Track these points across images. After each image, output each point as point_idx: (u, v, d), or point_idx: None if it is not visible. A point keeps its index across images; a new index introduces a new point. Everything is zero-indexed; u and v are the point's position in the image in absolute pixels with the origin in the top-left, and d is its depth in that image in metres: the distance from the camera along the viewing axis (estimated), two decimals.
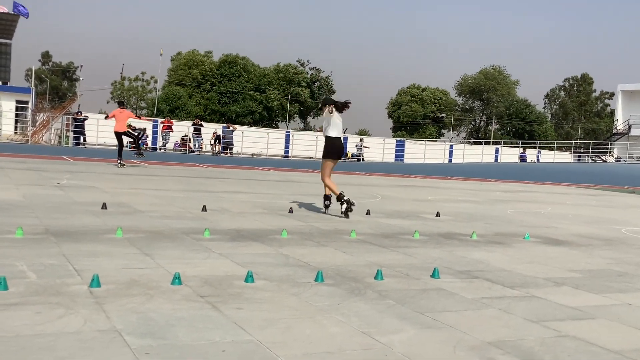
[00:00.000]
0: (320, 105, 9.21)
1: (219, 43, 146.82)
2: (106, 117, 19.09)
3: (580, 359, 3.10)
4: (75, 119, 31.81)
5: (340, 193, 8.75)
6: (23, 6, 34.13)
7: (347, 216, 8.64)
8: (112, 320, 3.18)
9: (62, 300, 3.48)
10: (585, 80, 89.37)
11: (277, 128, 67.41)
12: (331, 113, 8.98)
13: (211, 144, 34.34)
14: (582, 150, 54.82)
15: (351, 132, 69.30)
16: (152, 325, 3.14)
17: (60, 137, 35.46)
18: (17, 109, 43.83)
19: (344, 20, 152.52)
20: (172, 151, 34.99)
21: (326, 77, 79.01)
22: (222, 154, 33.09)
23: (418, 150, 44.44)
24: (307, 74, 77.49)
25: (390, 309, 3.82)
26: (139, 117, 22.18)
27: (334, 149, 9.06)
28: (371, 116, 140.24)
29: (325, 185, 9.04)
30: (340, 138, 9.17)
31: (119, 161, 17.46)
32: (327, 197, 9.15)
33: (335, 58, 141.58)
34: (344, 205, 8.66)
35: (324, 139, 9.19)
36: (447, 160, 44.57)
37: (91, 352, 2.70)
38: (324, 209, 9.22)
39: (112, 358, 2.65)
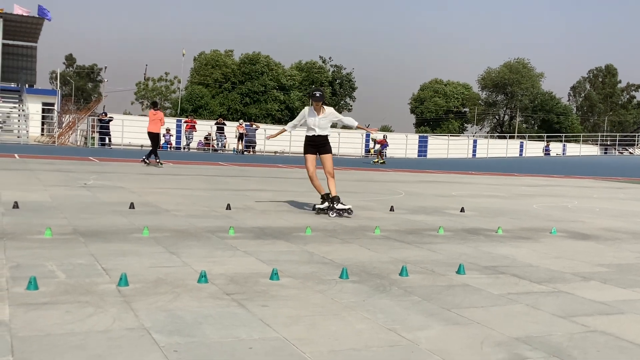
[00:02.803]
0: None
1: (240, 42, 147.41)
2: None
3: (609, 354, 3.06)
4: (100, 120, 32.22)
5: (328, 194, 8.56)
6: (47, 10, 34.69)
7: (318, 212, 8.41)
8: (141, 318, 3.23)
9: (91, 299, 3.54)
10: (609, 72, 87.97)
11: None
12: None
13: (236, 140, 34.27)
14: (608, 142, 53.99)
15: (374, 128, 69.01)
16: (179, 323, 3.18)
17: (86, 138, 35.95)
18: (43, 111, 44.56)
19: (364, 16, 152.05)
20: (195, 150, 35.26)
21: (347, 74, 78.93)
22: (245, 152, 33.24)
23: (441, 146, 44.18)
24: (329, 71, 77.48)
25: (415, 305, 3.81)
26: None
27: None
28: (394, 112, 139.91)
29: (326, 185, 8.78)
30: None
31: (157, 161, 17.68)
32: (332, 198, 8.52)
33: (356, 55, 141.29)
34: (320, 205, 8.48)
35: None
36: (470, 155, 44.25)
37: (121, 350, 2.74)
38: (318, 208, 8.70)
39: (142, 356, 2.69)
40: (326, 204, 8.49)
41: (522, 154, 47.17)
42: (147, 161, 17.86)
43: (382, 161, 30.41)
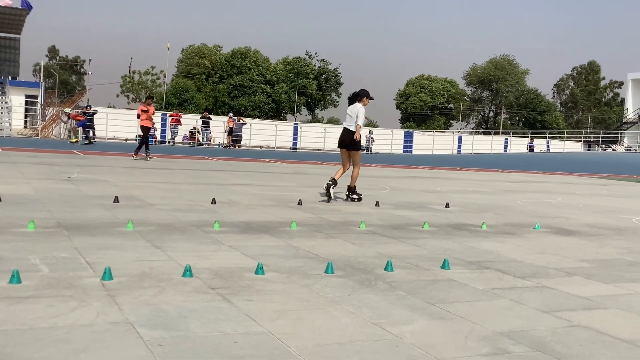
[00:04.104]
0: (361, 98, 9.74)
1: (226, 37, 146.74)
2: (139, 115, 18.49)
3: (592, 348, 3.09)
4: (84, 113, 31.92)
5: (333, 180, 9.35)
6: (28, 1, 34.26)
7: (326, 194, 9.32)
8: (125, 312, 3.21)
9: (74, 293, 3.51)
10: (593, 69, 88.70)
11: (285, 120, 67.42)
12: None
13: (224, 134, 33.98)
14: (592, 139, 54.49)
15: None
16: (164, 317, 3.16)
17: (69, 131, 35.63)
18: (26, 103, 44.06)
19: (351, 11, 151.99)
20: (180, 144, 35.09)
21: (334, 69, 78.90)
22: (231, 147, 33.13)
23: (427, 141, 44.33)
24: (315, 66, 77.40)
25: (400, 300, 3.82)
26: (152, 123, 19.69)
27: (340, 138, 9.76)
28: (379, 107, 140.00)
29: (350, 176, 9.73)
30: (347, 127, 9.65)
31: (136, 154, 17.65)
32: (349, 189, 9.70)
33: (342, 50, 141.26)
34: (325, 189, 9.36)
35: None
36: (456, 151, 44.44)
37: (105, 344, 2.72)
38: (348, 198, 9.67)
39: (126, 350, 2.68)
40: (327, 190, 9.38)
41: (507, 150, 47.47)
42: (146, 154, 17.86)
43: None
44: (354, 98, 9.71)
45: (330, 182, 9.34)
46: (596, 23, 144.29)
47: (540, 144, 50.59)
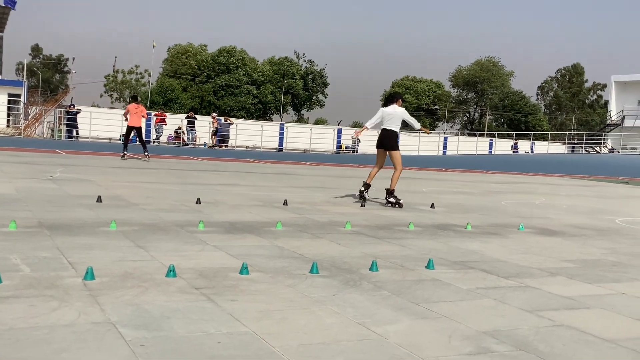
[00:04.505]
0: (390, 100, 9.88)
1: (212, 37, 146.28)
2: (125, 115, 18.39)
3: (574, 348, 3.11)
4: (67, 112, 31.66)
5: (367, 183, 9.57)
6: None
7: (360, 198, 9.52)
8: (107, 312, 3.17)
9: (56, 293, 3.47)
10: (577, 71, 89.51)
11: (271, 121, 67.33)
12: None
13: (211, 136, 33.74)
14: (575, 141, 54.94)
15: (345, 125, 69.29)
16: (146, 318, 3.13)
17: (52, 130, 35.32)
18: (9, 102, 43.55)
19: (338, 12, 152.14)
20: (165, 144, 34.90)
21: (320, 69, 78.95)
22: (217, 147, 33.00)
23: (412, 142, 44.42)
24: (302, 66, 77.41)
25: (385, 299, 3.82)
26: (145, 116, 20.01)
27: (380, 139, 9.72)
28: (365, 108, 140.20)
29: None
30: (386, 128, 9.65)
31: (124, 153, 17.52)
32: (388, 192, 9.59)
33: (328, 50, 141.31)
34: (361, 191, 9.55)
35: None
36: (441, 152, 44.62)
37: (86, 344, 2.69)
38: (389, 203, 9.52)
39: (108, 350, 2.64)
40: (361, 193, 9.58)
41: (492, 151, 47.72)
42: (126, 155, 17.74)
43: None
44: (391, 100, 9.74)
45: (363, 188, 9.50)
46: (580, 26, 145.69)
47: (524, 146, 50.93)
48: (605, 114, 62.66)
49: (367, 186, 9.56)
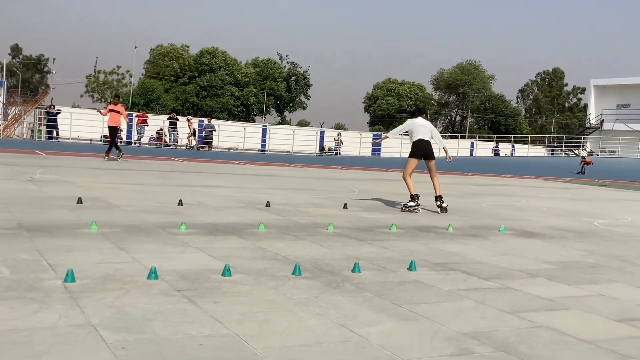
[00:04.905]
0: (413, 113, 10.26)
1: (194, 37, 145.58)
2: (102, 112, 18.28)
3: (554, 348, 3.15)
4: (48, 113, 31.33)
5: (416, 195, 9.64)
6: None
7: (403, 209, 9.52)
8: (88, 315, 3.15)
9: (36, 296, 3.43)
10: (557, 75, 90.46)
11: (254, 122, 67.18)
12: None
13: (188, 137, 33.47)
14: (555, 144, 55.52)
15: (328, 127, 69.33)
16: (128, 320, 3.11)
17: (32, 131, 34.91)
18: None
19: (321, 14, 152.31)
20: (147, 145, 34.65)
21: (303, 71, 78.98)
22: (200, 149, 32.83)
23: (394, 145, 44.59)
24: (285, 68, 77.37)
25: (367, 301, 3.84)
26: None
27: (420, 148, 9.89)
28: (348, 110, 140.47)
29: (406, 183, 9.88)
30: (424, 139, 9.89)
31: (105, 155, 17.36)
32: (413, 197, 9.69)
33: (311, 52, 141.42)
34: (411, 203, 9.55)
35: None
36: None
37: (67, 347, 2.66)
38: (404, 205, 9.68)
39: (88, 353, 2.62)
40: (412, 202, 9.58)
41: (473, 153, 48.05)
42: (117, 155, 17.59)
43: None
44: (419, 113, 10.15)
45: (415, 202, 9.57)
46: (561, 30, 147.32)
47: (505, 148, 51.33)
48: (584, 117, 63.40)
49: (417, 196, 9.69)
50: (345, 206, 9.25)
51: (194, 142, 32.71)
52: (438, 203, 9.81)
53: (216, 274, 4.29)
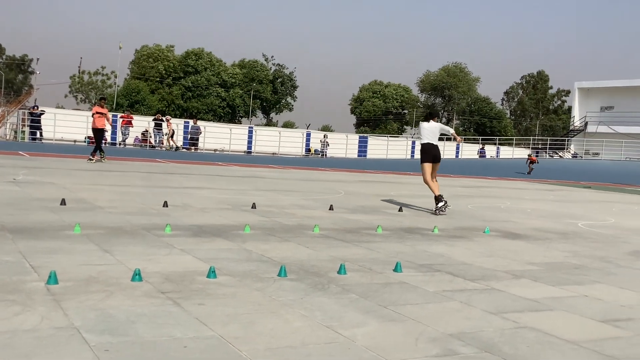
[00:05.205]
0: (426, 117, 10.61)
1: (180, 38, 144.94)
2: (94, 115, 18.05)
3: (538, 349, 3.16)
4: (31, 114, 31.03)
5: (440, 195, 9.88)
6: None
7: (436, 213, 9.66)
8: (70, 317, 3.12)
9: (18, 298, 3.39)
10: (541, 78, 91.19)
11: (240, 124, 67.04)
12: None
13: (168, 139, 32.88)
14: (539, 146, 55.95)
15: (314, 128, 69.40)
16: (111, 322, 3.09)
17: (15, 132, 34.57)
18: None
19: (308, 16, 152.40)
20: (132, 146, 34.44)
21: (290, 73, 78.97)
22: (179, 150, 32.65)
23: (381, 146, 44.73)
24: (271, 70, 77.31)
25: (353, 303, 3.83)
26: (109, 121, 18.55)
27: (428, 152, 10.27)
28: (334, 112, 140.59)
29: (428, 186, 10.21)
30: (431, 143, 10.30)
31: (91, 156, 17.22)
32: (436, 198, 9.90)
33: (298, 54, 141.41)
34: (440, 204, 9.74)
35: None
36: (409, 156, 44.98)
37: (49, 350, 2.63)
38: (435, 209, 9.80)
39: (71, 355, 2.60)
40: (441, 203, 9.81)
41: (458, 155, 48.30)
42: (100, 157, 17.45)
43: None
44: (432, 117, 10.47)
45: (440, 201, 9.76)
46: (546, 34, 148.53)
47: (490, 150, 51.65)
48: (568, 119, 63.96)
49: (441, 196, 9.91)
50: (331, 208, 9.25)
51: (172, 143, 32.35)
52: (437, 204, 9.94)
53: (201, 275, 4.26)
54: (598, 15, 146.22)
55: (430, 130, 10.29)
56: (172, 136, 32.17)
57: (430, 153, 10.29)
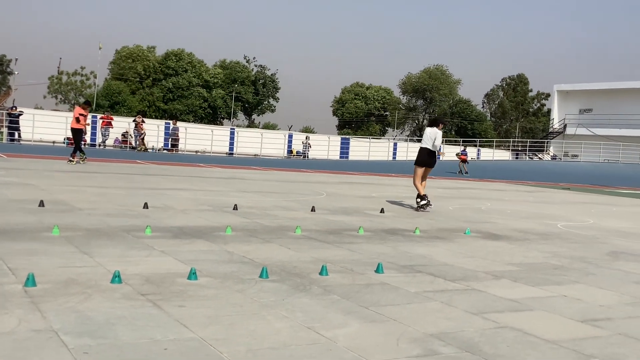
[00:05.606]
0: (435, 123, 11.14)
1: (160, 39, 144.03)
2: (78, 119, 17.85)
3: (518, 349, 3.18)
4: (9, 114, 30.63)
5: (424, 194, 10.59)
6: None
7: (417, 210, 10.45)
8: (49, 319, 3.08)
9: None
10: (521, 81, 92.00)
11: (222, 125, 66.78)
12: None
13: (139, 139, 32.25)
14: (519, 148, 56.47)
15: (296, 130, 69.38)
16: (90, 325, 3.05)
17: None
18: None
19: (290, 17, 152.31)
20: (112, 148, 34.15)
21: (272, 74, 78.85)
22: (165, 151, 32.44)
23: (363, 148, 44.82)
24: (253, 71, 77.11)
25: (334, 303, 3.83)
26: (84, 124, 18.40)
27: (422, 157, 10.86)
28: (316, 114, 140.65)
29: (415, 187, 10.78)
30: (426, 148, 10.81)
31: (71, 157, 17.05)
32: (420, 197, 10.65)
33: (280, 55, 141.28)
34: (422, 202, 10.49)
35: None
36: (391, 158, 45.15)
37: (27, 353, 2.60)
38: (417, 206, 10.57)
39: (50, 358, 2.56)
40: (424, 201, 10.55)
41: (439, 157, 48.57)
42: (80, 158, 17.27)
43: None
44: (435, 123, 11.02)
45: (423, 200, 10.49)
46: (525, 37, 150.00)
47: (471, 152, 52.02)
48: (548, 122, 64.64)
49: (425, 196, 10.59)
50: (313, 209, 9.25)
51: (141, 145, 31.92)
52: (417, 200, 10.66)
53: (182, 277, 4.23)
54: (577, 20, 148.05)
55: (429, 137, 10.80)
56: (142, 137, 31.83)
57: (424, 158, 10.80)
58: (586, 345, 3.33)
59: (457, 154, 33.79)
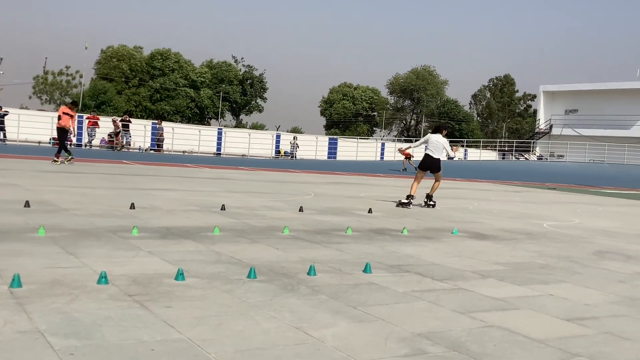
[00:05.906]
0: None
1: (147, 39, 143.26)
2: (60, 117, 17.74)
3: (505, 348, 3.20)
4: None
5: (412, 195, 11.26)
6: None
7: (398, 205, 11.19)
8: (35, 321, 3.05)
9: None
10: (508, 81, 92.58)
11: (209, 125, 66.57)
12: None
13: (117, 138, 31.94)
14: (506, 148, 56.81)
15: (284, 130, 69.32)
16: (77, 326, 3.03)
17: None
18: None
19: (277, 17, 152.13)
20: (98, 148, 33.93)
21: (260, 74, 78.73)
22: (151, 151, 32.27)
23: (350, 148, 44.86)
24: (240, 71, 76.95)
25: (322, 303, 3.83)
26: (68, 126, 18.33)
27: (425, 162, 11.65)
28: (304, 114, 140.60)
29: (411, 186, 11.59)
30: (431, 155, 11.52)
31: (56, 157, 16.92)
32: (428, 196, 11.65)
33: (267, 55, 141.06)
34: (405, 201, 11.17)
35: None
36: (379, 158, 45.22)
37: (13, 354, 2.57)
38: (399, 202, 11.37)
39: (36, 359, 2.54)
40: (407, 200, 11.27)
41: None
42: (66, 158, 17.14)
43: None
44: (438, 130, 11.75)
45: (410, 199, 11.16)
46: (512, 38, 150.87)
47: (458, 152, 52.25)
48: (534, 122, 65.07)
49: (412, 197, 11.24)
50: (301, 209, 9.24)
51: (117, 142, 31.65)
52: (426, 200, 11.62)
53: (169, 278, 4.21)
54: (563, 21, 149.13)
55: (432, 144, 11.48)
56: (117, 135, 31.63)
57: (426, 163, 11.56)
58: (572, 343, 3.35)
59: (399, 150, 31.39)
